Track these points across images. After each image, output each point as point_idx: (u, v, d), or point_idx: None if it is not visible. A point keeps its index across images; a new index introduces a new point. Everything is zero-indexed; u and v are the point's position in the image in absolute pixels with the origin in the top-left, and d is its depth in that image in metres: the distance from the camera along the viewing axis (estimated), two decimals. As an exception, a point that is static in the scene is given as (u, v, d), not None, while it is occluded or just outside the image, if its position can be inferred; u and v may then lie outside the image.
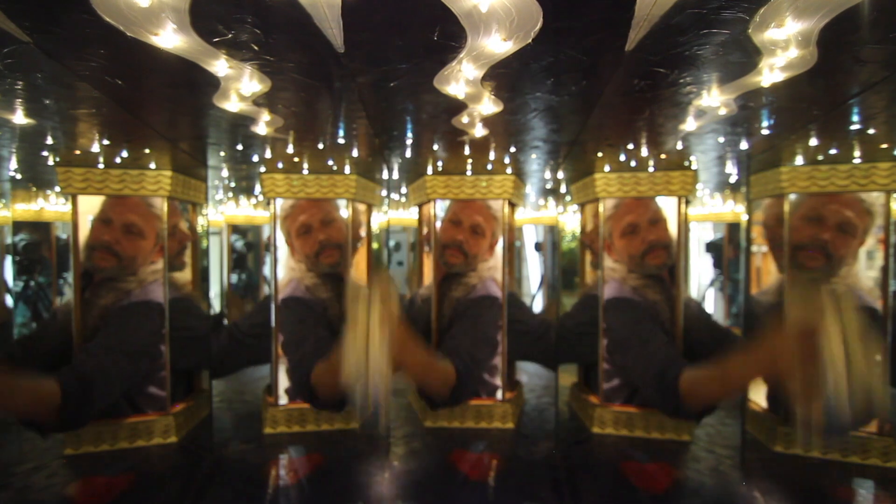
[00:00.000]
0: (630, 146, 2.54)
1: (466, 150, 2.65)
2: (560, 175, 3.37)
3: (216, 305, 5.05)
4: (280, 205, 3.12)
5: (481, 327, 3.02)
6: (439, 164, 2.97)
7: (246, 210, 5.40)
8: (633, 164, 2.89)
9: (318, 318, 3.03)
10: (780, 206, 2.76)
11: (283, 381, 3.08)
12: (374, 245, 3.62)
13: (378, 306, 1.88)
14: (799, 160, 2.69)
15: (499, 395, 3.14)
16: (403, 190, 4.07)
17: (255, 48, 1.45)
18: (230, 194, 4.47)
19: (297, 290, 3.10)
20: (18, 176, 3.22)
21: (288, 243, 3.18)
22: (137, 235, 2.78)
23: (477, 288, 3.16)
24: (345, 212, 3.16)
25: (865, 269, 2.67)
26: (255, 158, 2.81)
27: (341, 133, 2.33)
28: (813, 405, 1.66)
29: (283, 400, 3.06)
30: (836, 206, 2.63)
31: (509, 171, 3.11)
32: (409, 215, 5.98)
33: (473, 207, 3.17)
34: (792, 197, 2.74)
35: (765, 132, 2.27)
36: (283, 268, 3.21)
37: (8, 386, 2.05)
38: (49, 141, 2.34)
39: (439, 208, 3.25)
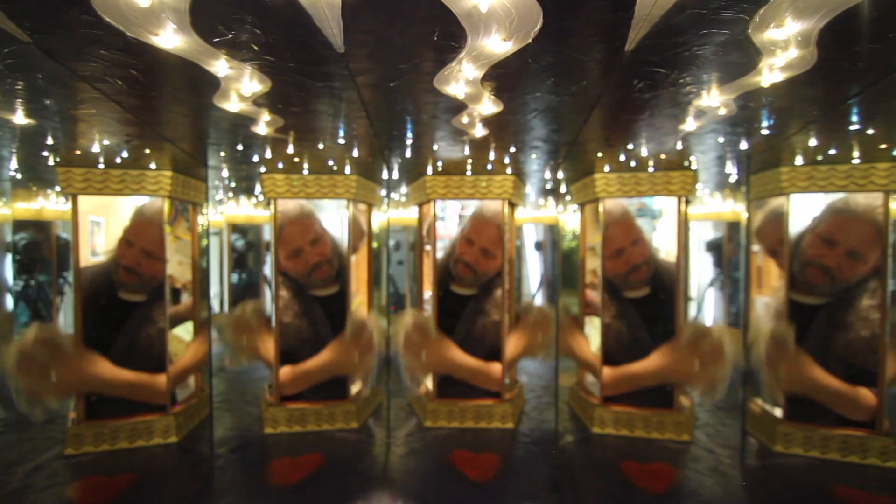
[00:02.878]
0: (630, 146, 2.54)
1: (466, 150, 2.65)
2: (560, 175, 3.38)
3: (216, 305, 5.06)
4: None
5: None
6: (439, 164, 2.97)
7: (246, 210, 5.41)
8: (633, 164, 2.89)
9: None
10: (777, 221, 2.91)
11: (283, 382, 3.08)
12: (374, 244, 3.65)
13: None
14: (799, 160, 2.70)
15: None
16: (403, 190, 4.07)
17: (255, 48, 1.45)
18: (230, 194, 4.47)
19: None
20: (19, 176, 3.22)
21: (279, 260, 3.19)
22: (157, 259, 2.98)
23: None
24: (344, 213, 3.18)
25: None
26: (255, 158, 2.82)
27: (341, 133, 2.33)
28: None
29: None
30: (850, 233, 2.75)
31: (509, 171, 3.12)
32: (410, 215, 5.98)
33: (488, 227, 3.31)
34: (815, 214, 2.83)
35: (765, 132, 2.27)
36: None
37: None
38: (49, 141, 2.34)
39: (440, 209, 3.30)
